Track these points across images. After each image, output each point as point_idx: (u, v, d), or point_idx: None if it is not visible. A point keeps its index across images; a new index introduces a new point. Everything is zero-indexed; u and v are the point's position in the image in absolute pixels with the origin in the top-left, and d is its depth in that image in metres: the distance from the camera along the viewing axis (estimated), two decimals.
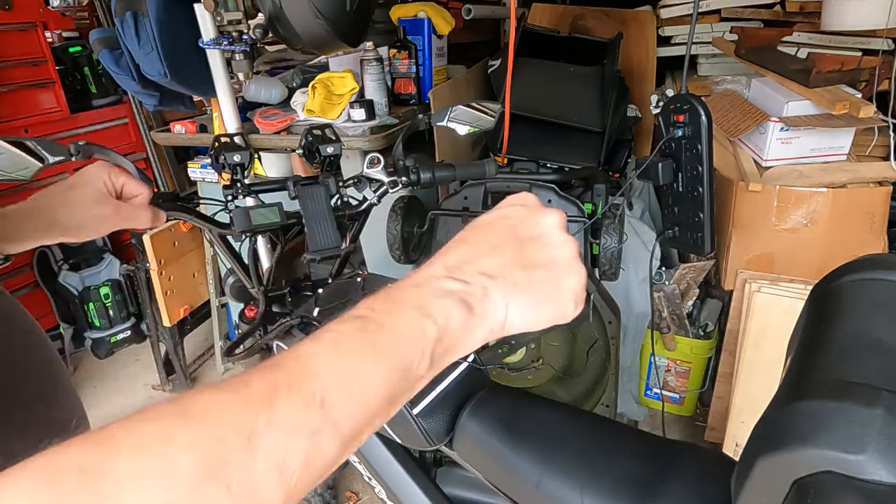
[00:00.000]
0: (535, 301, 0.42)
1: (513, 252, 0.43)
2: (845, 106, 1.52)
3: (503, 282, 0.41)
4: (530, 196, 0.48)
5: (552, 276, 0.43)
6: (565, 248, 0.44)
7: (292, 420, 0.32)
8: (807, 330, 0.62)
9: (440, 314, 0.39)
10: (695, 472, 0.75)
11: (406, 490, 1.08)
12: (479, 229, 0.45)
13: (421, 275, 0.41)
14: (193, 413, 0.30)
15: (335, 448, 0.34)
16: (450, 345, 0.40)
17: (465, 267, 0.42)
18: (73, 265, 2.65)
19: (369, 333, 0.37)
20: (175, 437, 0.29)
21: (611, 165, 1.93)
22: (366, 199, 1.10)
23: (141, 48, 1.59)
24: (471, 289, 0.41)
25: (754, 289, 1.70)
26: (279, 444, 0.31)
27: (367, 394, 0.35)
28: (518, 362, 1.70)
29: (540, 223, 0.45)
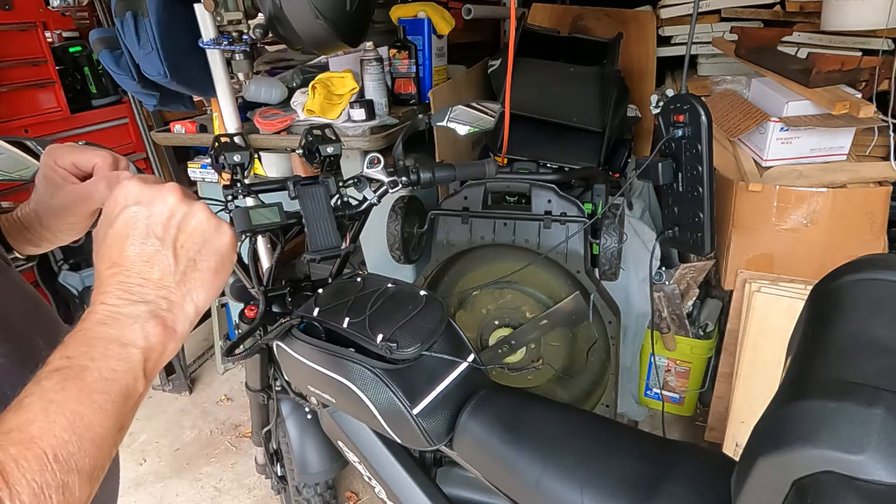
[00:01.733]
0: (210, 279, 0.46)
1: (165, 252, 0.44)
2: (845, 106, 1.52)
3: (177, 285, 0.45)
4: (128, 186, 0.46)
5: (208, 250, 0.46)
6: (200, 217, 0.46)
7: (34, 487, 0.33)
8: (807, 330, 0.62)
9: (138, 337, 0.42)
10: (695, 472, 0.75)
11: (406, 490, 1.08)
12: (119, 247, 0.45)
13: (98, 314, 0.42)
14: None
15: (85, 488, 0.37)
16: (159, 356, 0.44)
17: (136, 290, 0.43)
18: (74, 265, 2.65)
19: (74, 381, 0.39)
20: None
21: (611, 165, 1.92)
22: (366, 199, 1.10)
23: (141, 48, 1.59)
24: (154, 306, 0.43)
25: (754, 289, 1.70)
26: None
27: (95, 431, 0.38)
28: (518, 362, 1.70)
29: (164, 209, 0.45)
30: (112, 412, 0.39)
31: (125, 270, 0.44)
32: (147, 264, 0.44)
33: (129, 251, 0.44)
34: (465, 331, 1.03)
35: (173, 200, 0.45)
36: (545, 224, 1.52)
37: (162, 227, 0.45)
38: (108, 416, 0.39)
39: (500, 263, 1.65)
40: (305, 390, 1.13)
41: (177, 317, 0.45)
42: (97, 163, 0.70)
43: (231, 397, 2.42)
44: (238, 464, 2.08)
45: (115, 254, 0.44)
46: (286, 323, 1.03)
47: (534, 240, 1.54)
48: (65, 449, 0.36)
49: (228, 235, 0.47)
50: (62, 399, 0.37)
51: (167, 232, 0.45)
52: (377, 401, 0.91)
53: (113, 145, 2.32)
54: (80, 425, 0.37)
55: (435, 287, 1.75)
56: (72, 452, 0.36)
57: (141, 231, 0.44)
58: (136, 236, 0.44)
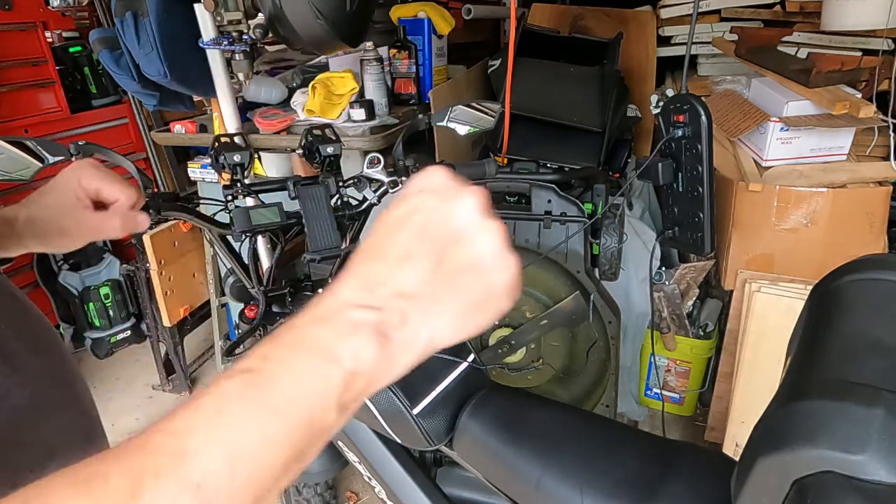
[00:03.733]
0: (463, 313, 0.37)
1: (430, 259, 0.36)
2: (845, 106, 1.52)
3: (423, 301, 0.35)
4: (437, 173, 0.39)
5: (479, 279, 0.37)
6: (490, 239, 0.37)
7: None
8: (807, 330, 0.62)
9: (348, 356, 0.34)
10: (695, 472, 0.75)
11: (406, 490, 1.08)
12: (389, 231, 0.37)
13: (325, 305, 0.36)
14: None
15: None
16: (363, 387, 0.35)
17: (378, 289, 0.35)
18: (73, 265, 2.65)
19: (257, 391, 0.32)
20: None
21: (611, 165, 1.93)
22: (366, 199, 1.10)
23: (141, 48, 1.59)
24: (386, 316, 0.35)
25: (754, 289, 1.70)
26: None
27: (257, 468, 0.31)
28: (518, 362, 1.70)
29: (456, 212, 0.37)
30: (284, 446, 0.32)
31: (377, 259, 0.36)
32: (404, 261, 0.36)
33: (396, 239, 0.37)
34: None
35: (471, 206, 0.37)
36: (545, 224, 1.52)
37: (441, 227, 0.37)
38: (277, 452, 0.32)
39: None
40: None
41: (402, 341, 0.35)
42: (120, 199, 0.70)
43: None
44: None
45: (381, 237, 0.37)
46: None
47: (534, 240, 1.54)
48: (212, 480, 0.29)
49: (511, 273, 0.37)
50: (234, 413, 0.31)
51: (444, 235, 0.36)
52: (377, 401, 0.91)
53: (113, 145, 2.32)
54: (241, 458, 0.30)
55: None
56: (219, 487, 0.29)
57: (418, 223, 0.37)
58: (412, 227, 0.37)
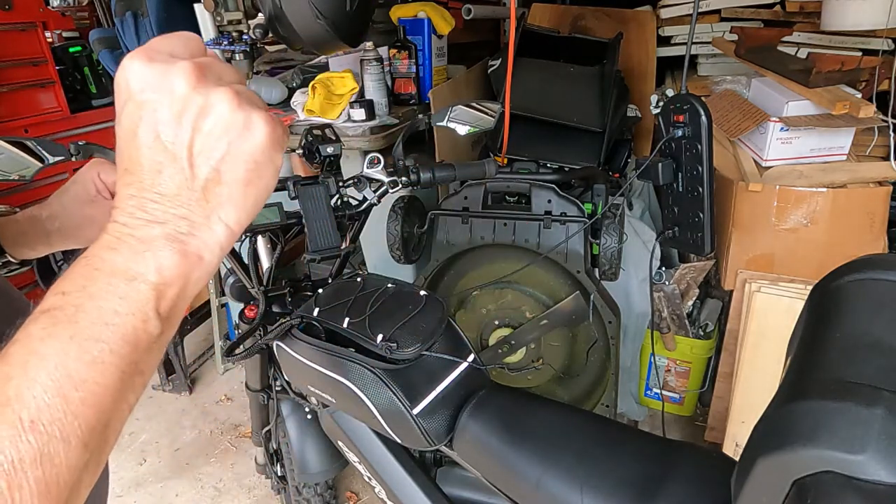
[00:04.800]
0: (242, 192, 0.36)
1: (179, 162, 0.34)
2: (845, 106, 1.52)
3: (197, 202, 0.35)
4: (133, 65, 0.35)
5: (236, 155, 0.35)
6: (218, 112, 0.34)
7: (3, 461, 0.28)
8: (807, 330, 0.62)
9: (150, 269, 0.34)
10: (695, 472, 0.75)
11: (406, 490, 1.08)
12: (128, 149, 0.35)
13: (110, 234, 0.35)
14: None
15: (77, 455, 0.31)
16: (179, 290, 0.35)
17: (149, 206, 0.35)
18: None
19: (65, 325, 0.32)
20: None
21: (611, 165, 1.92)
22: (366, 199, 1.10)
23: None
24: (171, 228, 0.35)
25: (754, 289, 1.70)
26: None
27: (88, 389, 0.32)
28: (518, 362, 1.70)
29: (171, 97, 0.34)
30: (112, 363, 0.33)
31: (137, 181, 0.35)
32: (159, 175, 0.35)
33: (139, 156, 0.35)
34: (465, 331, 1.03)
35: (183, 88, 0.34)
36: (545, 224, 1.52)
37: (171, 126, 0.34)
38: (106, 369, 0.32)
39: (500, 263, 1.65)
40: (305, 390, 1.13)
41: (201, 241, 0.35)
42: None
43: (231, 397, 2.42)
44: (238, 464, 2.08)
45: (125, 158, 0.36)
46: (286, 323, 1.03)
47: (534, 240, 1.54)
48: (46, 413, 0.30)
49: (262, 133, 0.35)
50: (47, 350, 0.31)
51: (178, 133, 0.34)
52: (377, 401, 0.91)
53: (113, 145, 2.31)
54: (67, 383, 0.31)
55: (435, 287, 1.75)
56: (55, 417, 0.30)
57: (147, 132, 0.34)
58: (144, 137, 0.35)
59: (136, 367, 0.34)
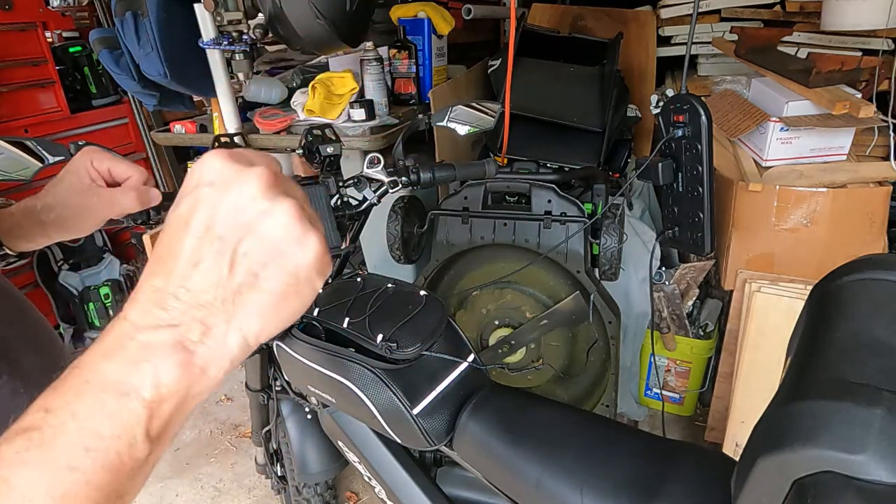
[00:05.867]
0: (273, 306, 0.34)
1: (221, 259, 0.33)
2: (845, 106, 1.52)
3: (223, 306, 0.33)
4: (212, 159, 0.35)
5: (280, 267, 0.34)
6: (279, 221, 0.34)
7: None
8: (807, 330, 0.62)
9: (146, 384, 0.31)
10: (695, 472, 0.75)
11: (406, 490, 1.08)
12: (174, 238, 0.34)
13: (114, 334, 0.33)
14: None
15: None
16: (174, 409, 0.33)
17: (170, 303, 0.33)
18: (73, 265, 2.65)
19: (40, 450, 0.29)
20: None
21: (611, 165, 1.92)
22: (366, 199, 1.10)
23: (141, 48, 1.59)
24: (183, 332, 0.33)
25: (754, 289, 1.70)
26: None
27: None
28: (518, 362, 1.70)
29: (238, 201, 0.33)
30: (87, 496, 0.29)
31: (166, 272, 0.34)
32: (194, 268, 0.33)
33: (182, 244, 0.34)
34: (465, 331, 1.03)
35: (253, 190, 0.33)
36: (545, 224, 1.52)
37: (227, 221, 0.33)
38: (80, 503, 0.29)
39: (500, 263, 1.65)
40: (305, 390, 1.13)
41: (210, 352, 0.33)
42: (132, 175, 0.73)
43: (231, 397, 2.42)
44: (238, 464, 2.08)
45: (165, 245, 0.34)
46: None
47: (534, 240, 1.54)
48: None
49: (313, 253, 0.34)
50: (16, 479, 0.28)
51: (232, 229, 0.33)
52: (377, 401, 0.91)
53: (113, 145, 2.32)
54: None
55: (435, 287, 1.75)
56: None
57: (201, 221, 0.33)
58: (195, 226, 0.33)
59: (115, 494, 0.31)
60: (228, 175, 0.34)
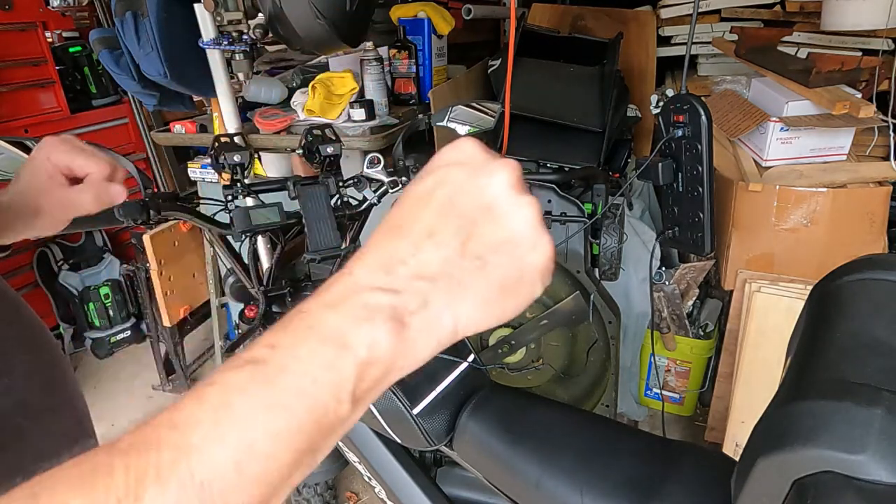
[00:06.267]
0: (492, 297, 0.34)
1: (457, 237, 0.33)
2: (845, 106, 1.52)
3: (447, 283, 0.33)
4: (467, 143, 0.36)
5: (510, 260, 0.34)
6: (524, 215, 0.34)
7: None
8: (807, 330, 0.62)
9: (362, 343, 0.31)
10: (695, 472, 0.75)
11: (406, 490, 1.08)
12: (413, 207, 0.35)
13: (339, 287, 0.33)
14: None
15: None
16: (379, 377, 0.33)
17: (397, 269, 0.33)
18: (73, 265, 2.65)
19: (264, 384, 0.30)
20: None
21: (611, 165, 1.92)
22: (366, 199, 1.10)
23: (141, 48, 1.59)
24: (404, 300, 0.32)
25: (754, 289, 1.70)
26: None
27: (265, 464, 0.29)
28: (518, 362, 1.70)
29: (488, 185, 0.34)
30: (293, 441, 0.30)
31: (398, 236, 0.34)
32: (428, 238, 0.33)
33: (421, 214, 0.34)
34: None
35: (504, 180, 0.34)
36: (545, 224, 1.52)
37: (471, 202, 0.34)
38: (287, 446, 0.30)
39: None
40: None
41: (423, 325, 0.32)
42: (92, 171, 0.66)
43: None
44: None
45: (404, 212, 0.34)
46: None
47: None
48: (218, 481, 0.28)
49: (544, 257, 0.34)
50: (241, 407, 0.29)
51: (474, 211, 0.33)
52: (377, 401, 0.91)
53: (113, 145, 2.32)
54: (247, 455, 0.29)
55: None
56: (225, 487, 0.28)
57: (445, 197, 0.34)
58: (437, 201, 0.34)
59: (312, 447, 0.31)
60: (481, 160, 0.35)
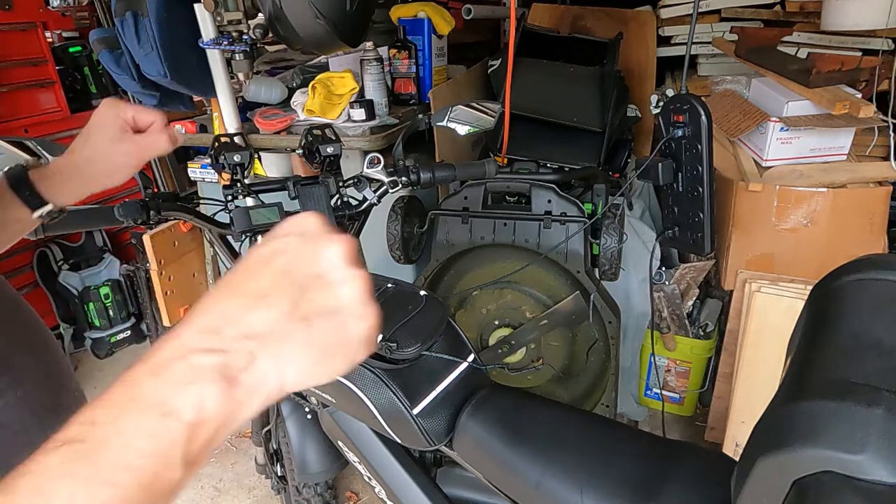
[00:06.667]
0: (316, 358, 0.36)
1: (287, 300, 0.35)
2: (845, 106, 1.52)
3: (273, 341, 0.34)
4: (310, 219, 0.39)
5: (336, 325, 0.36)
6: (352, 287, 0.37)
7: None
8: (807, 330, 0.62)
9: (189, 406, 0.32)
10: (695, 472, 0.75)
11: (406, 490, 1.08)
12: (248, 272, 0.36)
13: (164, 352, 0.34)
14: None
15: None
16: (210, 436, 0.33)
17: (225, 330, 0.34)
18: (74, 265, 2.65)
19: (83, 463, 0.30)
20: None
21: (611, 165, 1.92)
22: (366, 199, 1.10)
23: (141, 48, 1.59)
24: (230, 359, 0.33)
25: (754, 289, 1.70)
26: None
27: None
28: (518, 362, 1.70)
29: (321, 256, 0.37)
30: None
31: (230, 296, 0.36)
32: (260, 300, 0.35)
33: (253, 277, 0.36)
34: (465, 331, 1.03)
35: (338, 253, 0.37)
36: (545, 224, 1.52)
37: (305, 271, 0.36)
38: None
39: (500, 263, 1.65)
40: (305, 390, 1.13)
41: (252, 383, 0.34)
42: (156, 120, 0.79)
43: None
44: (238, 464, 2.08)
45: (240, 275, 0.37)
46: None
47: (534, 240, 1.54)
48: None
49: (368, 326, 0.37)
50: (58, 491, 0.29)
51: (306, 279, 0.36)
52: (377, 401, 0.91)
53: None
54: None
55: (435, 287, 1.75)
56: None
57: (281, 264, 0.36)
58: (274, 267, 0.36)
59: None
60: (319, 234, 0.38)
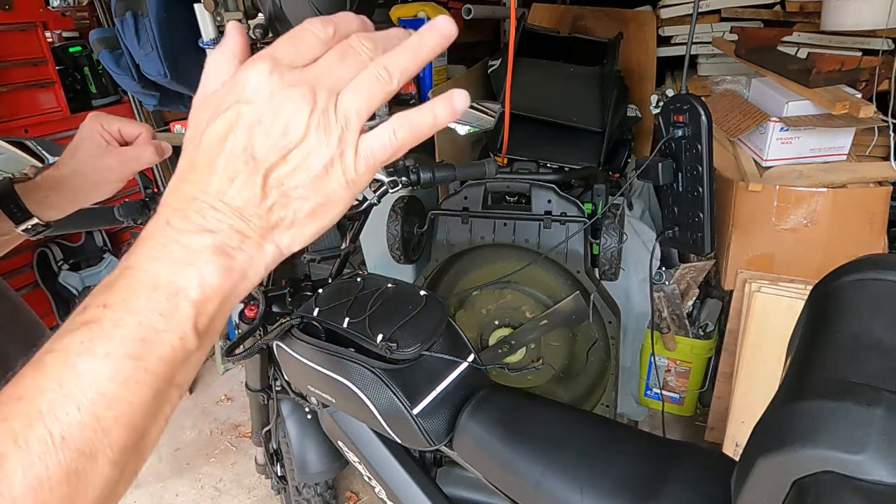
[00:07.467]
0: (301, 218, 0.36)
1: (254, 177, 0.34)
2: (845, 106, 1.52)
3: (258, 218, 0.35)
4: (260, 72, 0.34)
5: (310, 183, 0.34)
6: (317, 149, 0.34)
7: (30, 477, 0.28)
8: (807, 330, 0.62)
9: (192, 284, 0.33)
10: (695, 472, 0.75)
11: (406, 490, 1.08)
12: (207, 152, 0.35)
13: (157, 237, 0.34)
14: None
15: (107, 471, 0.31)
16: (218, 307, 0.35)
17: (209, 213, 0.34)
18: (74, 265, 2.65)
19: (103, 340, 0.32)
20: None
21: (611, 165, 1.92)
22: (366, 199, 1.10)
23: (141, 48, 1.59)
24: (222, 238, 0.34)
25: (754, 289, 1.69)
26: (28, 501, 0.28)
27: (121, 409, 0.31)
28: (518, 362, 1.70)
29: (278, 124, 0.33)
30: (146, 382, 0.32)
31: (203, 183, 0.34)
32: (230, 183, 0.34)
33: (216, 159, 0.34)
34: (465, 331, 1.03)
35: (301, 121, 0.33)
36: (545, 224, 1.52)
37: (266, 148, 0.33)
38: (140, 388, 0.32)
39: (500, 263, 1.65)
40: (305, 390, 1.13)
41: (249, 257, 0.35)
42: (142, 132, 0.78)
43: (231, 397, 2.42)
44: (238, 464, 2.08)
45: (197, 156, 0.35)
46: (286, 323, 1.03)
47: (534, 240, 1.54)
48: (77, 431, 0.30)
49: (334, 146, 0.35)
50: (83, 366, 0.31)
51: (268, 155, 0.34)
52: (377, 401, 0.91)
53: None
54: (101, 402, 0.31)
55: (435, 287, 1.75)
56: (86, 436, 0.30)
57: (240, 142, 0.34)
58: (231, 145, 0.34)
59: (171, 382, 0.34)
60: (276, 97, 0.33)
